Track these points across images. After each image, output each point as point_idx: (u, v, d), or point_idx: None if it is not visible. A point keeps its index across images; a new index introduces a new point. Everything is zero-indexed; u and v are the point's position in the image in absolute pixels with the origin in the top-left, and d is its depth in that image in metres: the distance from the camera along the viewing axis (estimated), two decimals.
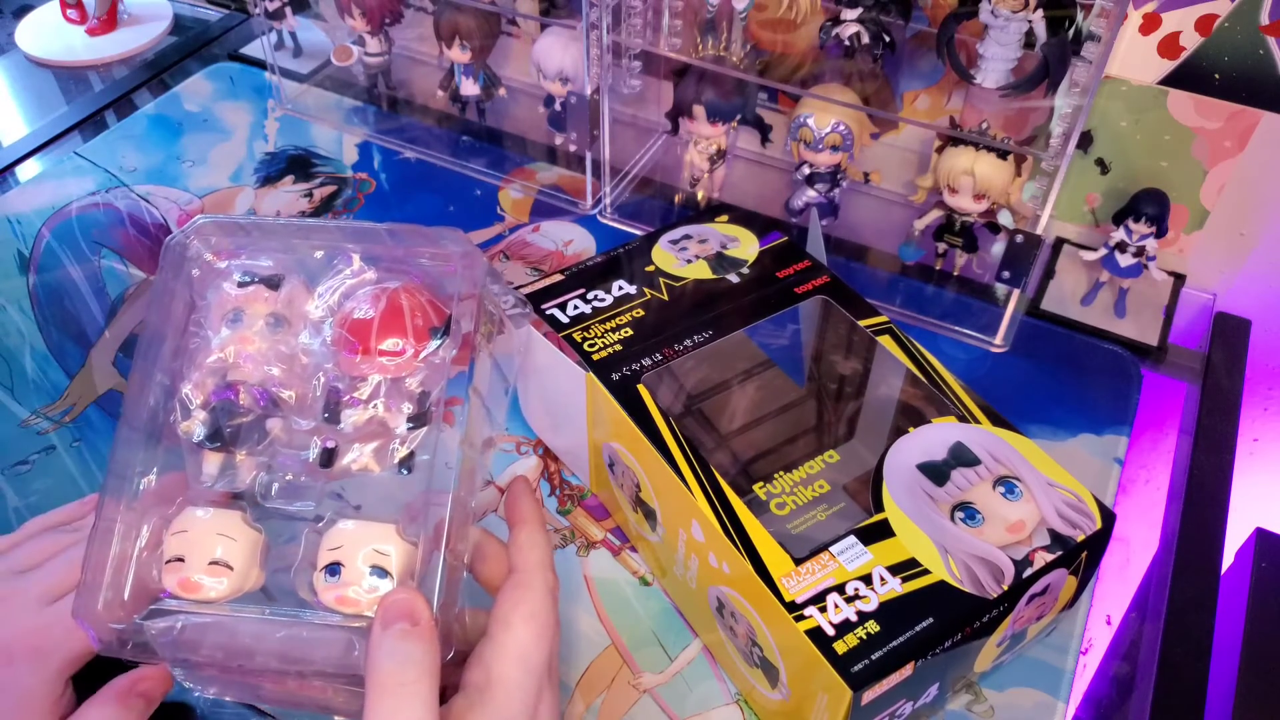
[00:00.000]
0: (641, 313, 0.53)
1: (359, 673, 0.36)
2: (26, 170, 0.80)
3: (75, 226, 0.73)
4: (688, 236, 0.58)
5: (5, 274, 0.69)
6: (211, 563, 0.38)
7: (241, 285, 0.42)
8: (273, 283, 0.42)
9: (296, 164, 0.79)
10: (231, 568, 0.38)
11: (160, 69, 0.90)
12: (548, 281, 0.55)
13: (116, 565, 0.38)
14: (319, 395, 0.41)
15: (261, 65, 0.89)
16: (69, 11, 0.94)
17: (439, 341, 0.40)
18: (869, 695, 0.39)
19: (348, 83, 0.86)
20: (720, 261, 0.55)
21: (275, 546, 0.40)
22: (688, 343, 0.51)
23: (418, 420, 0.40)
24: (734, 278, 0.55)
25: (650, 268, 0.55)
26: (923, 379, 0.49)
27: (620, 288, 0.54)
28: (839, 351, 0.56)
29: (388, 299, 0.41)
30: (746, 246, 0.56)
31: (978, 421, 0.47)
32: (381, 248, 0.42)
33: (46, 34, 0.94)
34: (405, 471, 0.40)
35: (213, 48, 0.93)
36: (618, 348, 0.50)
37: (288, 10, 0.84)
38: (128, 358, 0.64)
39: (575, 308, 0.53)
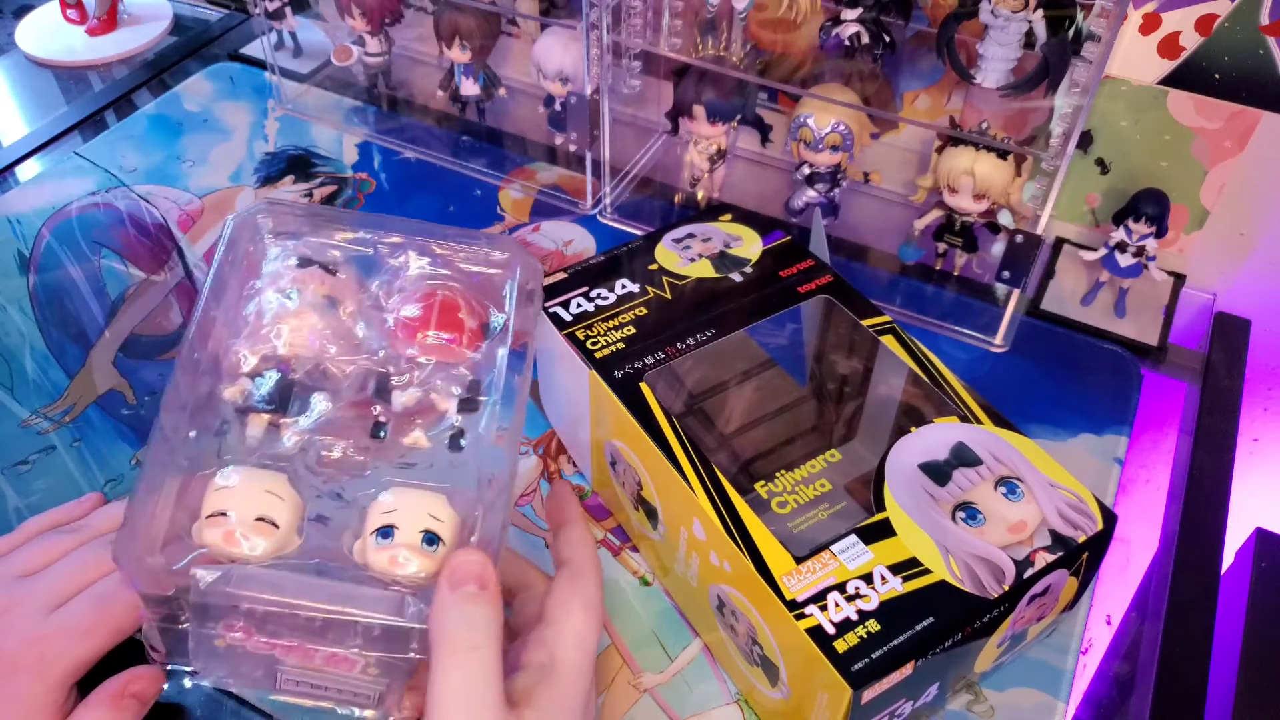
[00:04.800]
0: (644, 311, 0.53)
1: (409, 625, 0.37)
2: (26, 170, 0.79)
3: (75, 226, 0.73)
4: (691, 235, 0.58)
5: (5, 274, 0.69)
6: (258, 519, 0.37)
7: (301, 265, 0.43)
8: (330, 267, 0.44)
9: (296, 164, 0.79)
10: (277, 526, 0.38)
11: (160, 69, 0.90)
12: (551, 280, 0.55)
13: (158, 515, 0.38)
14: (371, 373, 0.42)
15: (261, 65, 0.89)
16: (69, 11, 0.94)
17: (492, 336, 0.43)
18: (869, 694, 0.39)
19: (348, 83, 0.86)
20: (723, 260, 0.56)
21: (311, 511, 0.40)
22: (690, 341, 0.51)
23: (469, 404, 0.42)
24: (737, 277, 0.55)
25: (653, 266, 0.55)
26: (925, 379, 0.49)
27: (623, 286, 0.54)
28: (842, 351, 0.56)
29: (443, 292, 0.43)
30: (750, 245, 0.57)
31: (980, 422, 0.47)
32: (438, 245, 0.45)
33: (46, 34, 0.94)
34: (461, 444, 0.41)
35: (213, 48, 0.93)
36: (620, 346, 0.50)
37: (288, 10, 0.84)
38: (128, 358, 0.64)
39: (578, 305, 0.53)
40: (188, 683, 0.48)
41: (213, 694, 0.48)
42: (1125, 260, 0.65)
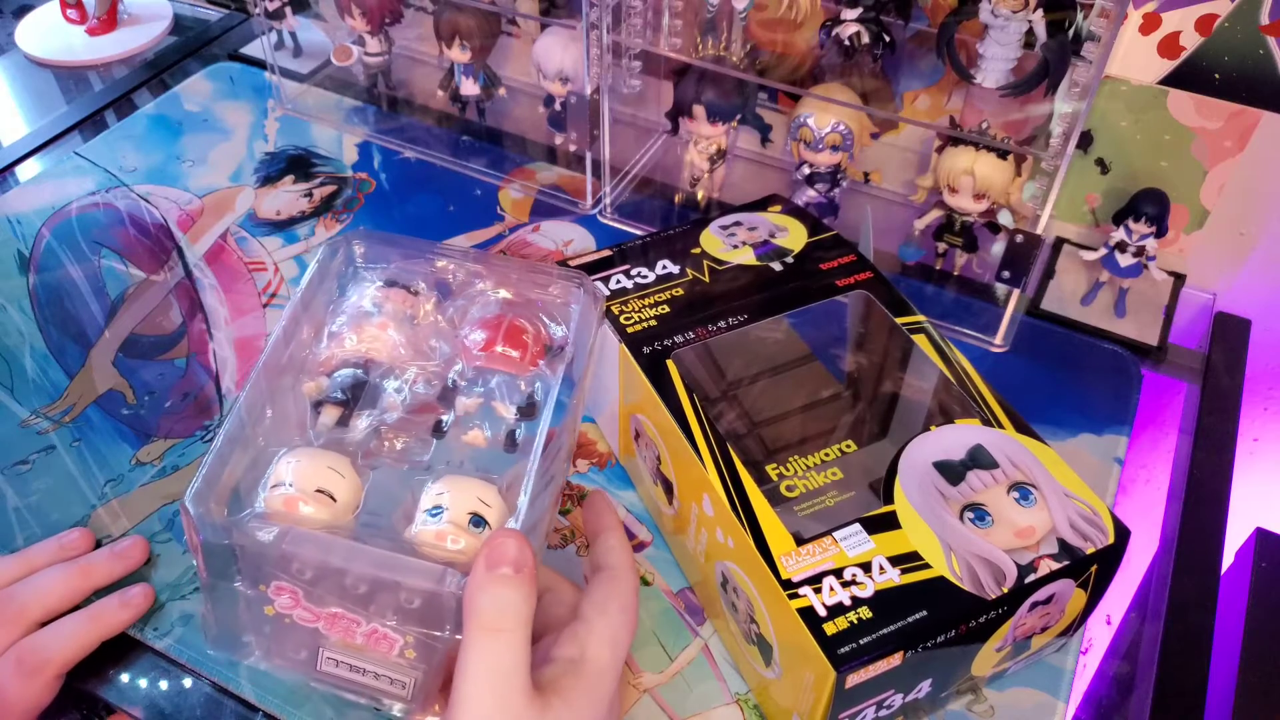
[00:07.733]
0: (681, 292, 0.54)
1: (445, 593, 0.38)
2: (26, 170, 0.79)
3: (75, 226, 0.73)
4: (738, 223, 0.59)
5: (5, 274, 0.69)
6: (317, 490, 0.40)
7: (386, 285, 0.48)
8: (412, 288, 0.48)
9: (296, 164, 0.79)
10: (335, 500, 0.40)
11: (160, 69, 0.90)
12: (596, 256, 0.57)
13: (227, 480, 0.41)
14: (438, 379, 0.46)
15: (261, 65, 0.89)
16: (69, 11, 0.94)
17: (553, 355, 0.47)
18: (853, 679, 0.39)
19: (348, 83, 0.86)
20: (766, 249, 0.56)
21: (371, 496, 0.42)
22: (721, 324, 0.52)
23: (526, 413, 0.45)
24: (777, 266, 0.55)
25: (696, 250, 0.57)
26: (952, 380, 0.49)
27: (664, 267, 0.56)
28: (872, 346, 0.57)
29: (512, 314, 0.47)
30: (796, 237, 0.57)
31: (1001, 426, 0.47)
32: (509, 271, 0.49)
33: (46, 34, 0.94)
34: (516, 442, 0.44)
35: (213, 48, 0.93)
36: (652, 323, 0.52)
37: (288, 10, 0.84)
38: (128, 357, 0.64)
39: (618, 282, 0.55)
40: (188, 683, 0.49)
41: (213, 694, 0.48)
42: (1125, 260, 0.65)
